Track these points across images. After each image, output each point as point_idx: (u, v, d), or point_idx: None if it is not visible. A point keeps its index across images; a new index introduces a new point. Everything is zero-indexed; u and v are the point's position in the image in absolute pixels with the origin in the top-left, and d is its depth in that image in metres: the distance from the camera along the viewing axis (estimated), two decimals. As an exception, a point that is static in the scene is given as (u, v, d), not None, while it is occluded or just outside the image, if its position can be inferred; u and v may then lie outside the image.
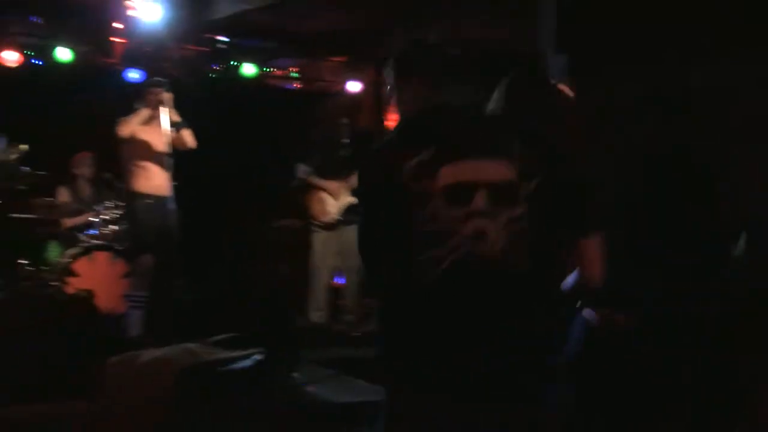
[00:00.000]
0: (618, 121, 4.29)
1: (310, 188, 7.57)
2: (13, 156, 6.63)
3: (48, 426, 2.58)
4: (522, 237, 2.49)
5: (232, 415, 2.44)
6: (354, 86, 9.51)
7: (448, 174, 2.49)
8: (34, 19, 8.25)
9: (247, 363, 2.58)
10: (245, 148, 9.24)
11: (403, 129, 2.70)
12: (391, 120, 8.97)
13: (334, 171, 7.43)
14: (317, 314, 7.42)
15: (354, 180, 6.72)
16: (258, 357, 2.62)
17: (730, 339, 3.46)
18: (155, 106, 6.73)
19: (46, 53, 8.22)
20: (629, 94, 4.29)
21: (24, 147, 6.64)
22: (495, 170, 2.51)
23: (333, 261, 7.41)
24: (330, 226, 7.39)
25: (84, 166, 8.40)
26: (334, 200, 7.43)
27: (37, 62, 8.35)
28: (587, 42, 5.17)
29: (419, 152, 2.51)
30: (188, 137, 6.95)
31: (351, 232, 6.66)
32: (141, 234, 6.86)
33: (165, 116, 6.69)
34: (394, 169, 2.52)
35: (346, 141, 7.68)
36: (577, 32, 5.29)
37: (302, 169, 7.62)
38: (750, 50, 4.54)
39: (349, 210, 7.28)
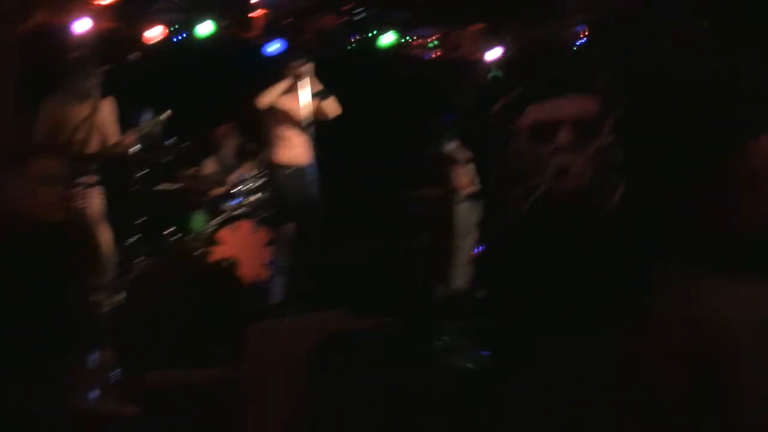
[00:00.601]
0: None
1: (453, 159, 7.55)
2: (158, 127, 6.78)
3: (191, 393, 2.61)
4: (607, 171, 2.48)
5: (370, 384, 2.41)
6: (493, 54, 9.36)
7: (534, 111, 2.56)
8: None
9: (386, 332, 2.54)
10: (384, 119, 9.25)
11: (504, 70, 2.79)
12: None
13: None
14: (457, 283, 7.39)
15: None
16: (398, 326, 2.58)
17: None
18: (296, 77, 6.79)
19: (187, 28, 8.37)
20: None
21: (164, 115, 6.76)
22: (579, 105, 2.53)
23: (475, 231, 7.35)
24: (473, 196, 7.35)
25: (227, 138, 8.58)
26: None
27: (179, 37, 8.53)
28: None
29: (509, 93, 2.60)
30: (331, 106, 6.99)
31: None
32: (283, 203, 6.95)
33: (306, 87, 6.73)
34: (492, 113, 2.62)
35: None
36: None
37: (443, 139, 7.61)
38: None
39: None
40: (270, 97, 6.82)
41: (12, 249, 3.25)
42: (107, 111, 6.61)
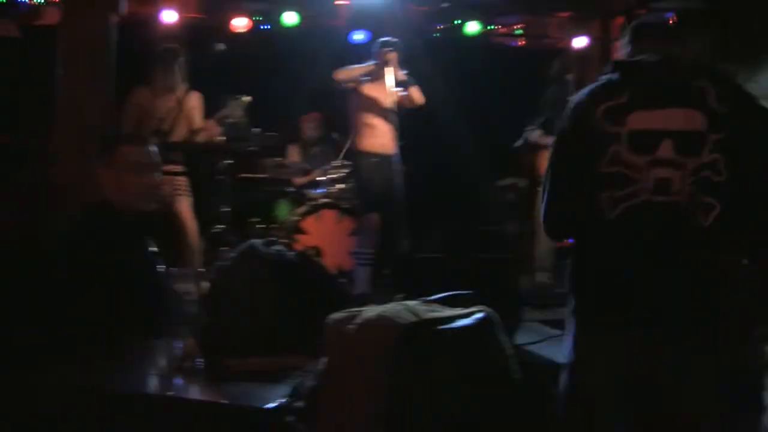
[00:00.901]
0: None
1: (538, 147, 7.46)
2: (242, 114, 6.82)
3: (273, 379, 2.62)
4: (706, 189, 2.49)
5: (453, 374, 2.38)
6: (580, 42, 9.20)
7: (636, 120, 2.56)
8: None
9: (468, 322, 2.51)
10: (469, 107, 9.19)
11: (610, 75, 2.73)
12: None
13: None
14: (543, 275, 7.31)
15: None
16: (480, 316, 2.54)
17: None
18: (382, 66, 6.76)
19: (273, 18, 8.42)
20: None
21: (244, 99, 6.79)
22: (684, 119, 2.53)
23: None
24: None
25: (312, 127, 8.64)
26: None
27: (264, 27, 8.59)
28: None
29: (613, 98, 2.60)
30: (416, 94, 6.95)
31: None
32: (367, 192, 6.93)
33: (391, 76, 6.70)
34: (587, 112, 2.63)
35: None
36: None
37: (529, 128, 7.52)
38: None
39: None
40: (349, 73, 6.78)
41: (102, 236, 3.30)
42: (194, 101, 6.69)
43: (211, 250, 7.30)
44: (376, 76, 6.83)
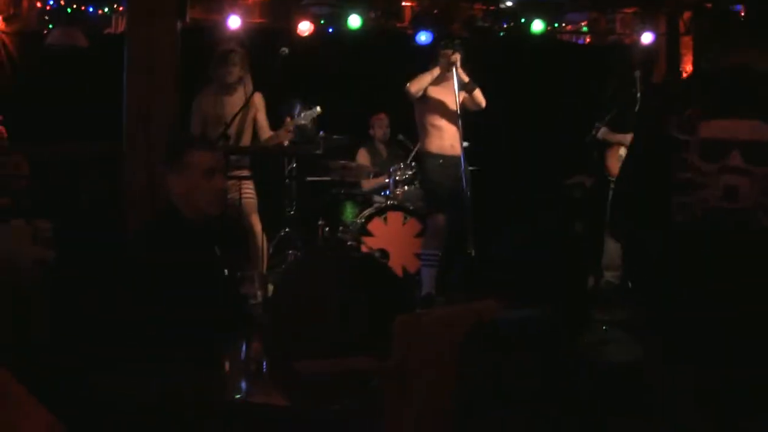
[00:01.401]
0: None
1: (605, 143, 7.41)
2: (310, 120, 6.88)
3: (343, 381, 2.62)
4: None
5: (519, 374, 2.36)
6: (647, 38, 9.08)
7: (707, 129, 2.61)
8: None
9: (533, 322, 2.50)
10: (536, 106, 9.14)
11: (684, 84, 2.88)
12: (686, 72, 8.56)
13: (630, 125, 7.15)
14: (611, 274, 7.23)
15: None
16: (547, 316, 2.53)
17: None
18: (447, 67, 6.74)
19: (337, 20, 8.45)
20: None
21: (317, 109, 6.86)
22: (750, 131, 2.58)
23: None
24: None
25: (379, 128, 8.65)
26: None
27: (329, 30, 8.62)
28: None
29: (686, 106, 2.64)
30: (479, 97, 6.91)
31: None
32: (435, 193, 6.91)
33: (456, 77, 6.67)
34: (660, 119, 2.69)
35: (640, 94, 7.40)
36: None
37: (597, 125, 7.47)
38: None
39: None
40: (420, 83, 6.76)
41: (172, 244, 3.34)
42: (258, 105, 6.72)
43: (278, 254, 7.36)
44: (442, 78, 6.82)
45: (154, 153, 5.51)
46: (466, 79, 6.76)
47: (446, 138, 6.84)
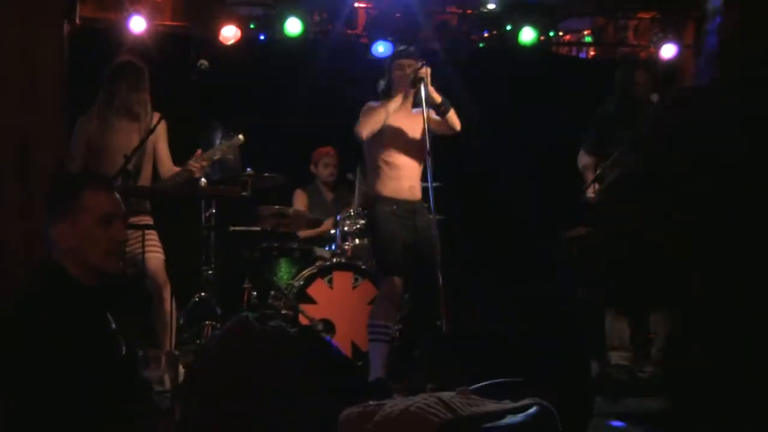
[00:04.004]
0: None
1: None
2: (233, 151, 6.81)
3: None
4: None
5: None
6: (668, 50, 9.23)
7: None
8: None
9: (519, 419, 2.55)
10: (524, 137, 9.20)
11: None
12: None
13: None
14: (618, 354, 7.27)
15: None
16: (533, 411, 2.58)
17: None
18: (410, 86, 6.68)
19: (271, 25, 8.48)
20: None
21: (240, 138, 6.76)
22: None
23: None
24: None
25: (325, 166, 8.64)
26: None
27: (260, 37, 8.64)
28: None
29: None
30: (453, 119, 6.80)
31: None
32: (388, 249, 6.85)
33: (422, 98, 6.60)
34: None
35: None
36: None
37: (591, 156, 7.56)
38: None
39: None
40: (374, 123, 6.60)
41: (56, 311, 3.34)
42: (160, 132, 6.60)
43: (191, 325, 7.35)
44: (402, 101, 6.74)
45: (32, 194, 5.49)
46: (438, 98, 6.62)
47: (404, 178, 6.71)
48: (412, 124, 6.68)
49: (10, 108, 5.69)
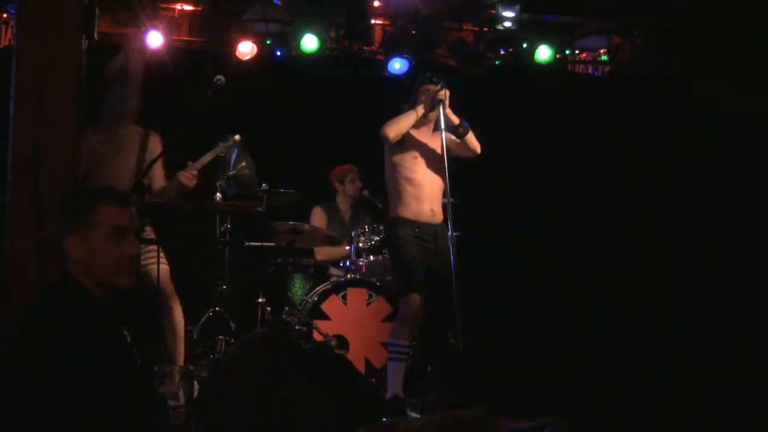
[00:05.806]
0: None
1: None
2: (246, 168, 6.77)
3: None
4: None
5: None
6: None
7: None
8: (275, 1, 8.53)
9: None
10: (544, 154, 9.16)
11: None
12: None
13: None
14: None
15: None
16: (551, 429, 2.55)
17: None
18: (431, 107, 6.66)
19: (288, 42, 8.48)
20: None
21: (236, 139, 6.65)
22: None
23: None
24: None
25: (351, 180, 8.60)
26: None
27: (277, 53, 8.64)
28: None
29: None
30: (473, 141, 6.79)
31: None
32: (406, 270, 6.81)
33: (443, 118, 6.57)
34: None
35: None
36: None
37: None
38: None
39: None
40: (400, 125, 6.63)
41: (70, 325, 3.32)
42: (155, 146, 6.52)
43: (204, 340, 7.32)
44: (423, 120, 6.74)
45: (45, 207, 5.47)
46: (456, 120, 6.63)
47: (425, 199, 6.69)
48: (434, 143, 6.68)
49: (26, 120, 5.69)
